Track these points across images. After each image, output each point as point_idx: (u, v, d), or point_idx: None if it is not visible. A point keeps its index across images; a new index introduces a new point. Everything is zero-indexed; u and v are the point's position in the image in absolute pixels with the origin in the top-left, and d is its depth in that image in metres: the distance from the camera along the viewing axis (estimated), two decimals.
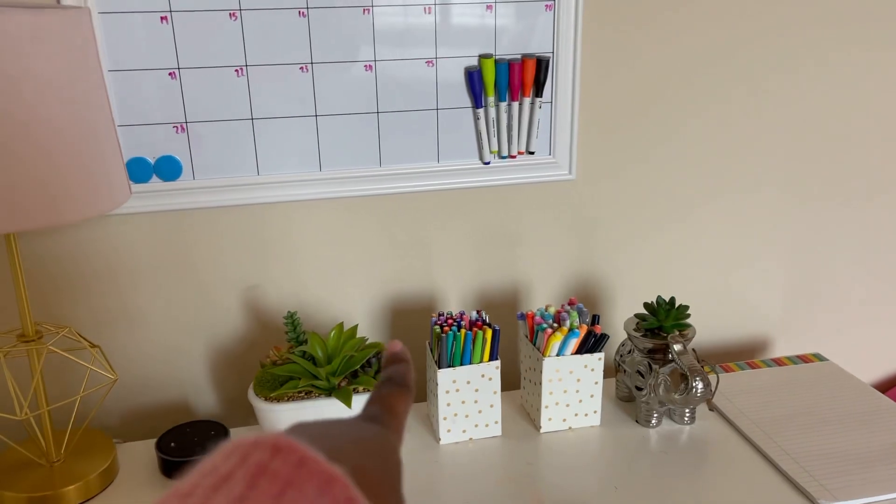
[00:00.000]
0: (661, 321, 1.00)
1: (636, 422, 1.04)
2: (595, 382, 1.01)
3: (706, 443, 0.99)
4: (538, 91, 1.06)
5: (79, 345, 0.91)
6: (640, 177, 1.16)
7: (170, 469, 0.93)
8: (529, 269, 1.18)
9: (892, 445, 0.97)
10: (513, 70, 1.04)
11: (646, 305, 1.03)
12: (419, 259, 1.13)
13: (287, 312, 1.00)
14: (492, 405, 0.99)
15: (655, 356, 1.00)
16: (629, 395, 1.08)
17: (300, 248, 1.08)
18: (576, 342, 0.98)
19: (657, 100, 1.13)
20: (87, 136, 0.75)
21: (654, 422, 1.02)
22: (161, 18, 0.93)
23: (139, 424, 1.10)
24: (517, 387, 1.16)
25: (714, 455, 0.96)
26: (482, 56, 1.03)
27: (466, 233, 1.13)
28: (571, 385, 1.00)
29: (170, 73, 0.95)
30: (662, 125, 1.14)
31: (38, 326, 0.89)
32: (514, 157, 1.09)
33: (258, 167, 1.02)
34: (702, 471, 0.93)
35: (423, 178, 1.07)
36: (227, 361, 1.11)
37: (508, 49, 1.04)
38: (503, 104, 1.06)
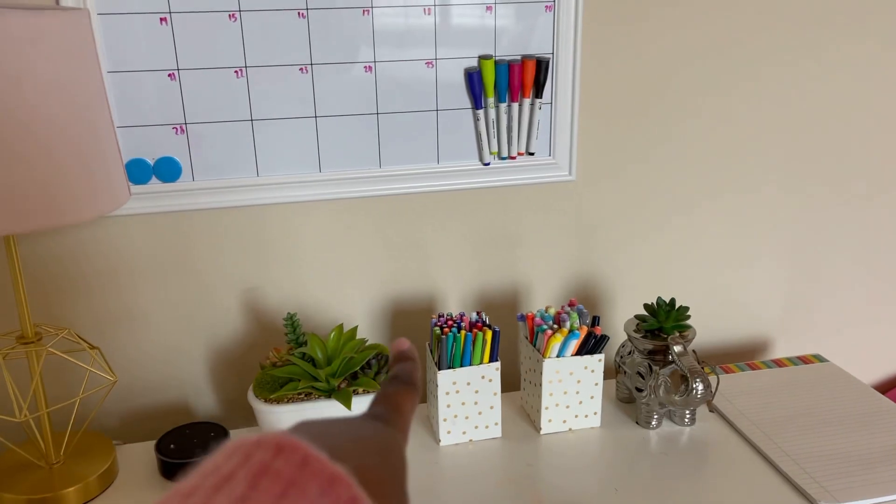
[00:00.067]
0: (662, 322, 1.00)
1: (636, 423, 1.03)
2: (595, 384, 1.01)
3: (706, 444, 0.99)
4: (538, 92, 1.06)
5: (78, 346, 0.91)
6: (640, 177, 1.16)
7: (169, 471, 0.93)
8: (529, 271, 1.18)
9: (893, 447, 0.97)
10: (513, 71, 1.04)
11: (646, 306, 1.03)
12: (419, 260, 1.13)
13: (287, 314, 1.00)
14: (492, 406, 0.99)
15: (655, 357, 1.00)
16: (629, 397, 1.07)
17: (300, 250, 1.08)
18: (576, 343, 0.98)
19: (657, 101, 1.13)
20: (87, 138, 0.75)
21: (655, 423, 1.02)
22: (160, 20, 0.93)
23: (139, 426, 1.10)
24: (517, 388, 1.16)
25: (714, 456, 0.96)
26: (482, 57, 1.03)
27: (466, 234, 1.13)
28: (571, 386, 1.00)
29: (169, 75, 0.95)
30: (662, 126, 1.14)
31: (38, 328, 0.89)
32: (514, 158, 1.09)
33: (258, 168, 1.01)
34: (702, 472, 0.93)
35: (423, 180, 1.07)
36: (227, 363, 1.11)
37: (508, 50, 1.04)
38: (503, 105, 1.06)
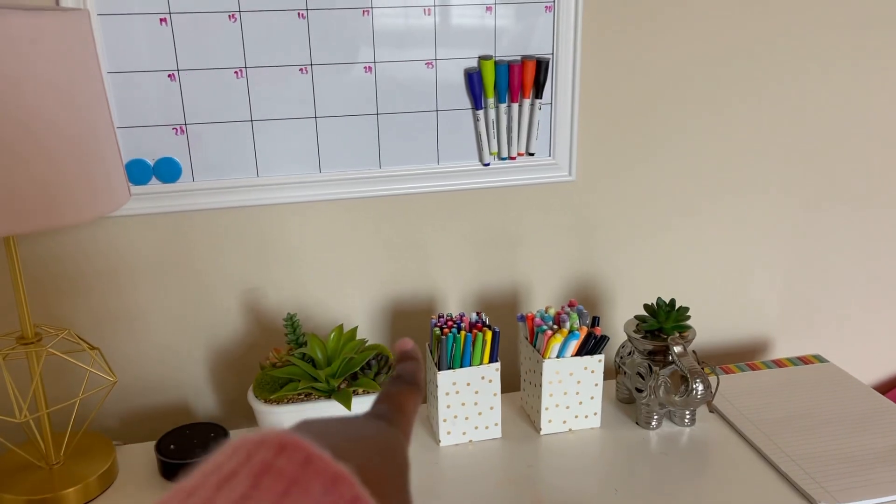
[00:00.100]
0: (662, 323, 1.00)
1: (636, 424, 1.03)
2: (595, 384, 1.01)
3: (706, 444, 0.99)
4: (538, 92, 1.06)
5: (78, 347, 0.91)
6: (640, 178, 1.16)
7: (169, 471, 0.93)
8: (529, 271, 1.18)
9: (893, 447, 0.97)
10: (512, 71, 1.04)
11: (646, 307, 1.03)
12: (419, 261, 1.13)
13: (287, 314, 1.00)
14: (492, 407, 0.99)
15: (655, 358, 1.00)
16: (629, 397, 1.07)
17: (300, 250, 1.08)
18: (576, 344, 0.98)
19: (657, 101, 1.13)
20: (87, 138, 0.75)
21: (655, 423, 1.02)
22: (160, 20, 0.93)
23: (139, 426, 1.10)
24: (517, 389, 1.16)
25: (714, 457, 0.96)
26: (482, 57, 1.03)
27: (466, 234, 1.13)
28: (571, 387, 1.00)
29: (169, 75, 0.95)
30: (662, 126, 1.14)
31: (38, 328, 0.89)
32: (514, 159, 1.09)
33: (258, 169, 1.01)
34: (702, 473, 0.93)
35: (423, 180, 1.07)
36: (227, 363, 1.11)
37: (508, 50, 1.04)
38: (503, 105, 1.06)
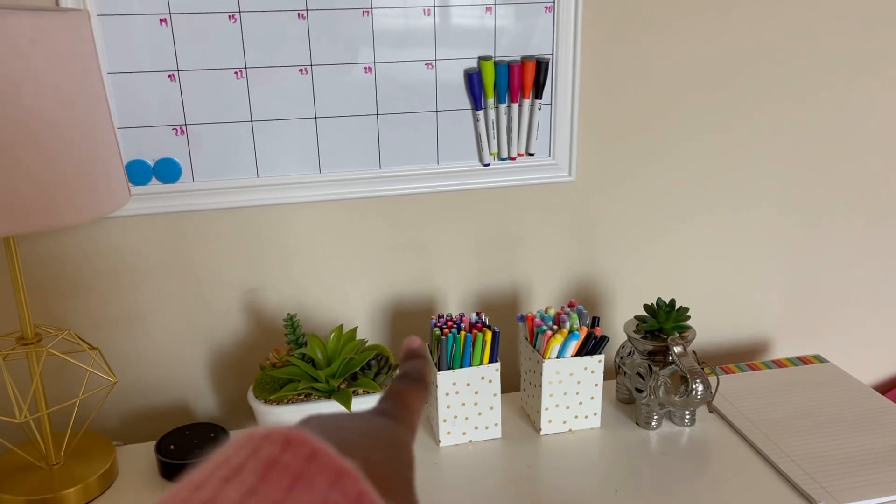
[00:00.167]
0: (661, 323, 1.00)
1: (636, 424, 1.03)
2: (595, 384, 1.01)
3: (706, 445, 0.99)
4: (538, 93, 1.06)
5: (78, 347, 0.91)
6: (640, 178, 1.16)
7: (169, 471, 0.93)
8: (529, 271, 1.18)
9: (893, 447, 0.97)
10: (512, 72, 1.04)
11: (646, 307, 1.03)
12: (419, 261, 1.13)
13: (286, 315, 1.00)
14: (492, 407, 0.99)
15: (655, 358, 1.00)
16: (629, 398, 1.07)
17: (300, 250, 1.08)
18: (576, 344, 0.98)
19: (657, 100, 1.13)
20: (87, 139, 0.75)
21: (655, 424, 1.02)
22: (160, 21, 0.93)
23: (139, 427, 1.10)
24: (517, 389, 1.16)
25: (714, 457, 0.96)
26: (482, 58, 1.03)
27: (466, 235, 1.13)
28: (571, 387, 1.00)
29: (169, 76, 0.95)
30: (662, 126, 1.14)
31: (38, 329, 0.89)
32: (514, 159, 1.09)
33: (258, 169, 1.02)
34: (702, 473, 0.93)
35: (423, 180, 1.07)
36: (227, 363, 1.11)
37: (508, 51, 1.04)
38: (503, 106, 1.06)
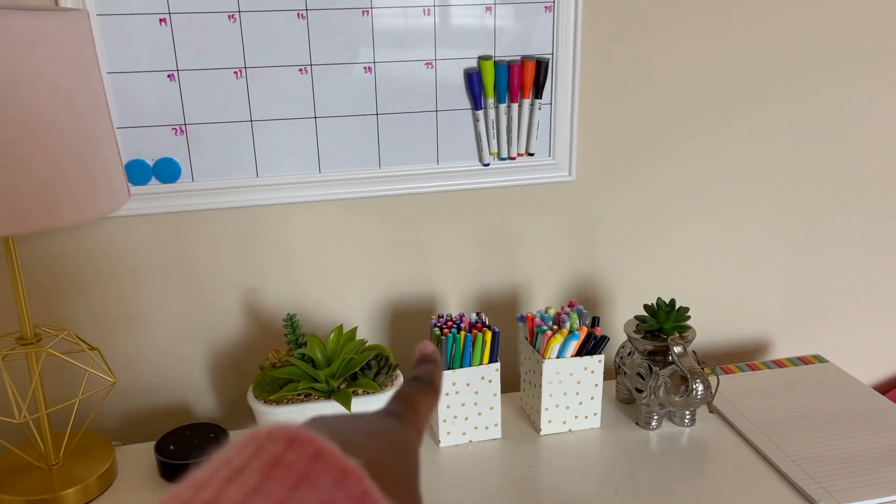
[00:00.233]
0: (662, 323, 1.00)
1: (636, 424, 1.03)
2: (595, 384, 1.01)
3: (706, 445, 0.99)
4: (538, 92, 1.06)
5: (77, 347, 0.91)
6: (641, 178, 1.16)
7: (169, 472, 0.93)
8: (529, 271, 1.17)
9: (893, 447, 0.97)
10: (512, 71, 1.04)
11: (646, 307, 1.03)
12: (419, 261, 1.13)
13: (286, 315, 0.99)
14: (491, 407, 0.99)
15: (655, 358, 1.00)
16: (629, 398, 1.07)
17: (299, 250, 1.07)
18: (576, 344, 0.98)
19: (657, 100, 1.13)
20: (86, 139, 0.75)
21: (655, 424, 1.02)
22: (160, 20, 0.93)
23: (138, 427, 1.10)
24: (517, 389, 1.16)
25: (714, 457, 0.96)
26: (481, 58, 1.03)
27: (466, 234, 1.13)
28: (571, 387, 1.00)
29: (168, 76, 0.95)
30: (662, 126, 1.14)
31: (37, 329, 0.89)
32: (514, 159, 1.09)
33: (257, 169, 1.01)
34: (702, 473, 0.93)
35: (423, 180, 1.07)
36: (227, 364, 1.11)
37: (508, 50, 1.04)
38: (503, 106, 1.06)
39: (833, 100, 1.19)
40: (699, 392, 0.96)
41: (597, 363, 0.99)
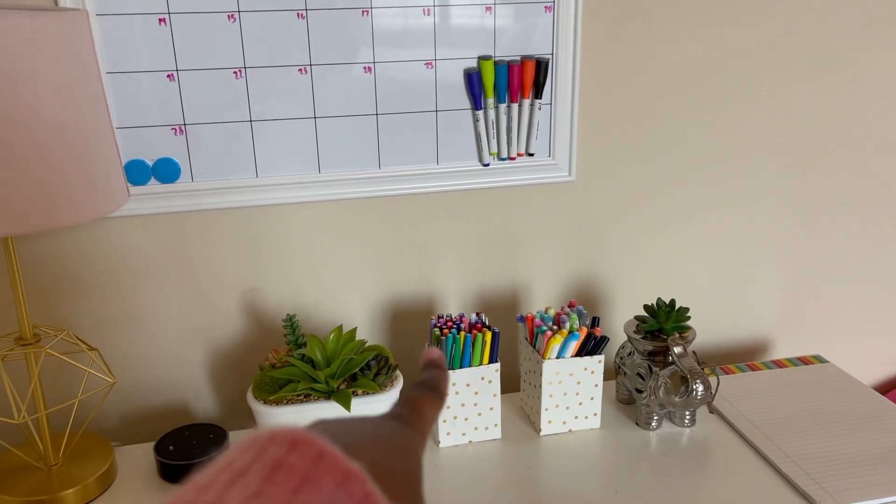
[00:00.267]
0: (662, 323, 1.00)
1: (636, 424, 1.03)
2: (595, 385, 1.00)
3: (706, 445, 0.99)
4: (538, 93, 1.06)
5: (77, 347, 0.91)
6: (640, 178, 1.16)
7: (169, 472, 0.93)
8: (529, 271, 1.17)
9: (893, 447, 0.97)
10: (512, 72, 1.04)
11: (646, 307, 1.03)
12: (418, 261, 1.12)
13: (286, 315, 0.99)
14: (491, 408, 0.99)
15: (655, 358, 1.00)
16: (629, 398, 1.07)
17: (299, 251, 1.07)
18: (576, 344, 0.98)
19: (657, 100, 1.13)
20: (86, 139, 0.75)
21: (655, 424, 1.02)
22: (159, 20, 0.93)
23: (138, 427, 1.10)
24: (517, 389, 1.16)
25: (714, 458, 0.96)
26: (481, 58, 1.03)
27: (466, 235, 1.13)
28: (571, 387, 1.00)
29: (168, 75, 0.95)
30: (662, 126, 1.14)
31: (36, 329, 0.88)
32: (514, 159, 1.09)
33: (257, 169, 1.01)
34: (702, 473, 0.93)
35: (423, 180, 1.07)
36: (226, 364, 1.11)
37: (508, 50, 1.04)
38: (502, 106, 1.06)
39: (834, 99, 1.19)
40: (699, 392, 0.96)
41: (597, 363, 0.99)
